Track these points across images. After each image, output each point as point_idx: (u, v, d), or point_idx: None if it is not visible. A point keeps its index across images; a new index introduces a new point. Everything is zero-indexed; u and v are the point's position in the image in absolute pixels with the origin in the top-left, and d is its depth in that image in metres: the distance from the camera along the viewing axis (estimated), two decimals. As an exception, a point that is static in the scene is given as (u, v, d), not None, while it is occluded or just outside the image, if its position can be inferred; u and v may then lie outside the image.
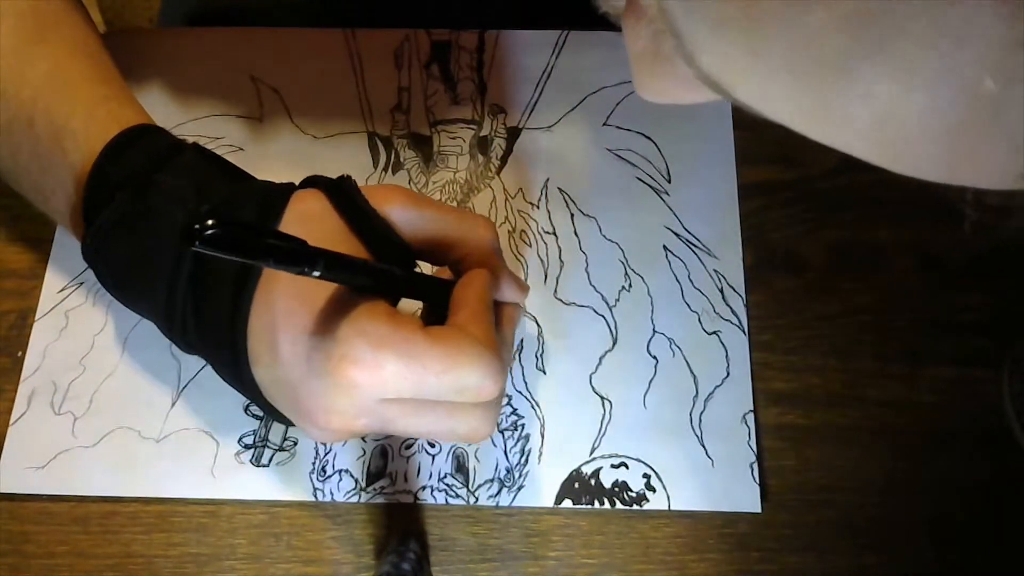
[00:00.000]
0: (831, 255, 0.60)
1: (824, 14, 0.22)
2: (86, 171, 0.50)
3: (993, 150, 0.23)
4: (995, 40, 0.20)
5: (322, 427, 0.45)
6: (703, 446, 0.56)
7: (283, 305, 0.45)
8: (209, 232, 0.36)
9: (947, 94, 0.21)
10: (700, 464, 0.56)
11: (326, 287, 0.44)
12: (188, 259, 0.47)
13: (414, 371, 0.43)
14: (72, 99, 0.52)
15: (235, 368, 0.48)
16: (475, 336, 0.45)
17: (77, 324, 0.60)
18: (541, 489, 0.56)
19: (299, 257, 0.40)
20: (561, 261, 0.61)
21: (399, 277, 0.48)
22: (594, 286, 0.60)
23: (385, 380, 0.43)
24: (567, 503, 0.55)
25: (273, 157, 0.64)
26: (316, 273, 0.40)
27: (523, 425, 0.57)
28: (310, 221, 0.48)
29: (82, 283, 0.61)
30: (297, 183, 0.50)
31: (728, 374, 0.58)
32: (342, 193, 0.49)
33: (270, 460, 0.56)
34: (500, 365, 0.45)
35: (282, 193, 0.49)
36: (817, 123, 0.25)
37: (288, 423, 0.49)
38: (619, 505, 0.55)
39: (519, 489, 0.56)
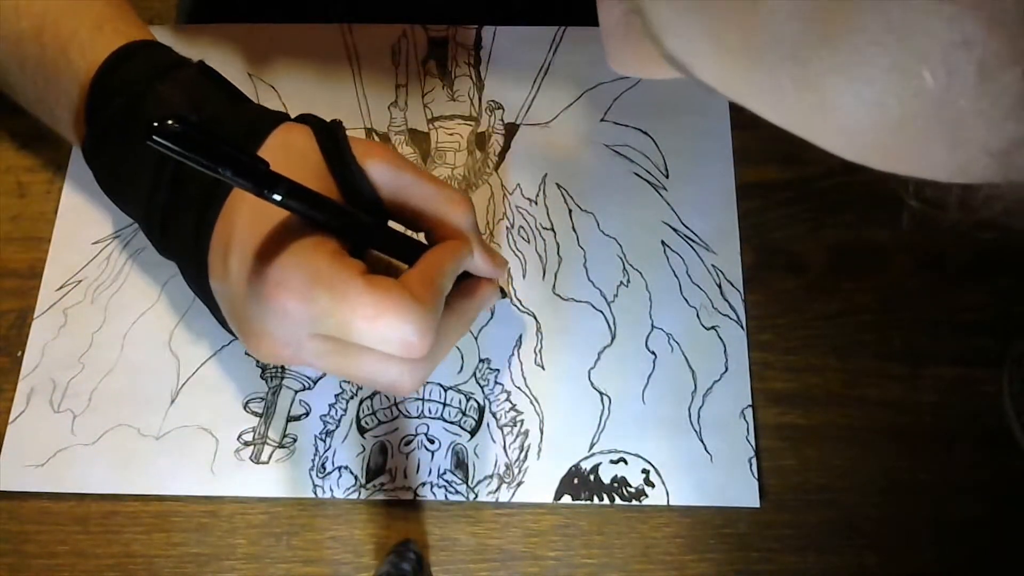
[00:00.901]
0: (831, 255, 0.59)
1: (778, 2, 0.22)
2: (89, 78, 0.51)
3: (933, 144, 0.23)
4: (937, 39, 0.20)
5: (253, 348, 0.47)
6: (702, 441, 0.55)
7: (241, 223, 0.46)
8: (168, 128, 0.37)
9: (891, 89, 0.22)
10: (699, 459, 0.55)
11: (287, 217, 0.45)
12: (169, 167, 0.48)
13: (343, 311, 0.43)
14: (80, 14, 0.53)
15: (199, 278, 0.49)
16: (415, 293, 0.44)
17: (76, 322, 0.58)
18: (540, 485, 0.55)
19: (258, 175, 0.40)
20: (559, 257, 0.60)
21: (363, 224, 0.48)
22: (592, 282, 0.59)
23: (314, 314, 0.44)
24: (566, 499, 0.54)
25: (271, 153, 0.62)
26: (276, 197, 0.41)
27: (522, 421, 0.56)
28: (290, 152, 0.48)
29: (80, 281, 0.59)
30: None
31: (726, 369, 0.57)
32: (329, 134, 0.49)
33: (270, 457, 0.55)
34: (429, 325, 0.44)
35: (273, 121, 0.50)
36: (773, 108, 0.26)
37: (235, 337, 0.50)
38: (618, 501, 0.54)
39: (518, 485, 0.54)
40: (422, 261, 0.48)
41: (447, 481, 0.55)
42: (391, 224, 0.51)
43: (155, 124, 0.37)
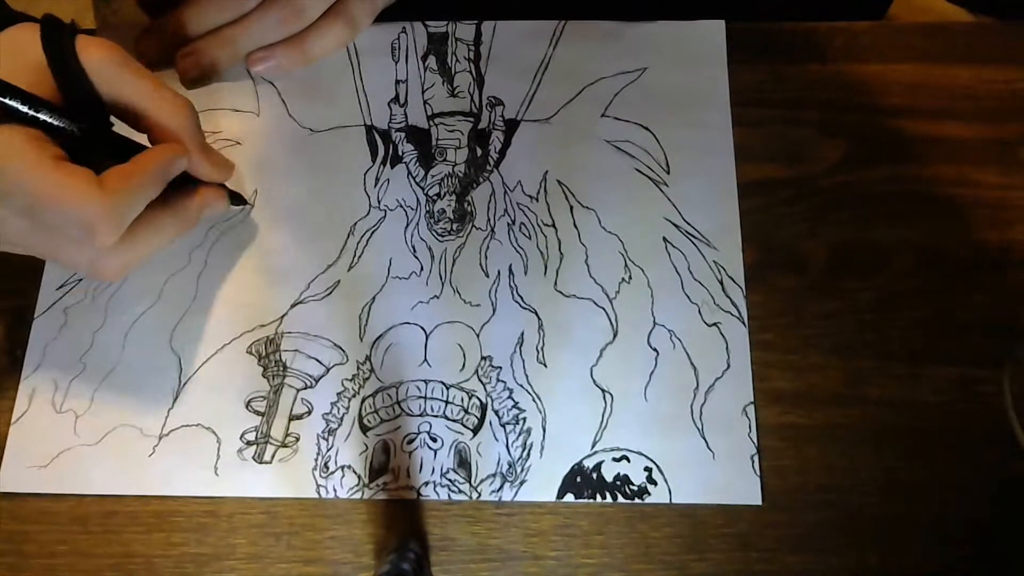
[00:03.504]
0: (832, 254, 0.58)
1: None
2: None
3: None
4: None
5: None
6: (704, 439, 0.54)
7: None
8: None
9: None
10: (701, 457, 0.54)
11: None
12: None
13: (29, 188, 0.46)
14: None
15: None
16: (105, 183, 0.47)
17: (76, 322, 0.58)
18: (543, 484, 0.54)
19: None
20: (561, 253, 0.59)
21: (70, 120, 0.49)
22: (594, 278, 0.58)
23: (4, 189, 0.46)
24: (569, 497, 0.53)
25: (271, 151, 0.62)
26: None
27: (524, 419, 0.55)
28: (11, 51, 0.49)
29: (81, 280, 0.59)
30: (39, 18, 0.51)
31: (728, 366, 0.56)
32: (53, 31, 0.50)
33: (272, 456, 0.54)
34: (114, 213, 0.47)
35: (4, 20, 0.51)
36: None
37: None
38: (621, 499, 0.53)
39: (521, 484, 0.54)
40: (131, 160, 0.49)
41: (450, 480, 0.54)
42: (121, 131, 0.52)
43: None
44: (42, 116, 0.47)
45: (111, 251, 0.49)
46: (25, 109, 0.47)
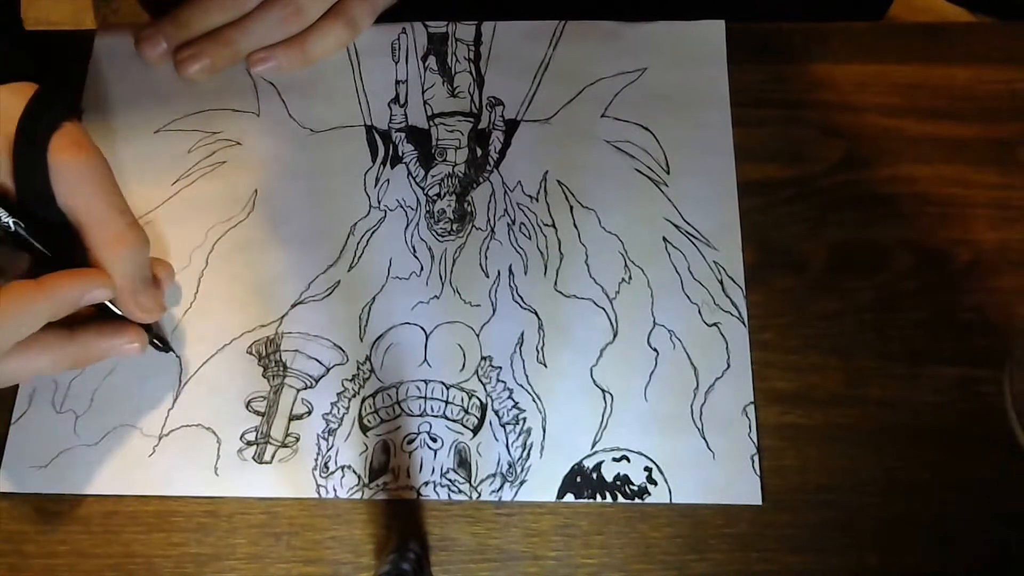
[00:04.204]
0: (832, 254, 0.58)
1: None
2: None
3: None
4: None
5: None
6: (704, 439, 0.54)
7: None
8: None
9: None
10: (701, 457, 0.54)
11: None
12: None
13: None
14: None
15: None
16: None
17: None
18: (543, 484, 0.53)
19: None
20: (561, 253, 0.58)
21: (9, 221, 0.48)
22: (594, 278, 0.58)
23: None
24: (569, 497, 0.53)
25: (271, 151, 0.62)
26: None
27: (524, 419, 0.55)
28: None
29: None
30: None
31: (729, 366, 0.56)
32: (37, 109, 0.48)
33: (272, 456, 0.54)
34: None
35: (6, 74, 0.49)
36: None
37: None
38: (621, 499, 0.53)
39: (521, 484, 0.53)
40: (41, 278, 0.47)
41: (450, 480, 0.53)
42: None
43: None
44: None
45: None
46: None
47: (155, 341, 0.56)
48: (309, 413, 0.55)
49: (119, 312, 0.53)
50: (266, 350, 0.56)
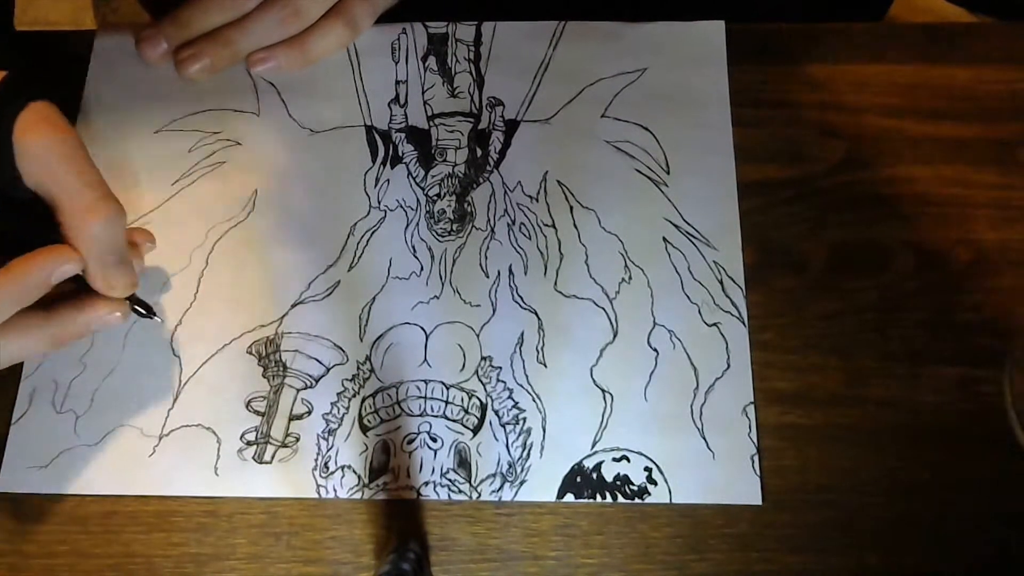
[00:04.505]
0: (832, 254, 0.58)
1: None
2: None
3: None
4: None
5: None
6: (704, 439, 0.54)
7: None
8: None
9: None
10: (701, 457, 0.54)
11: None
12: None
13: None
14: None
15: None
16: None
17: None
18: (543, 484, 0.53)
19: None
20: (561, 254, 0.58)
21: None
22: (594, 278, 0.58)
23: None
24: (569, 497, 0.53)
25: (271, 151, 0.62)
26: None
27: (524, 419, 0.55)
28: None
29: None
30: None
31: (728, 366, 0.56)
32: (12, 86, 0.48)
33: (272, 456, 0.54)
34: None
35: None
36: None
37: None
38: (621, 499, 0.53)
39: (521, 484, 0.53)
40: (10, 263, 0.47)
41: (450, 480, 0.53)
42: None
43: None
44: None
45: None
46: None
47: (136, 308, 0.54)
48: (309, 413, 0.55)
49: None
50: (266, 350, 0.56)
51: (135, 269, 0.53)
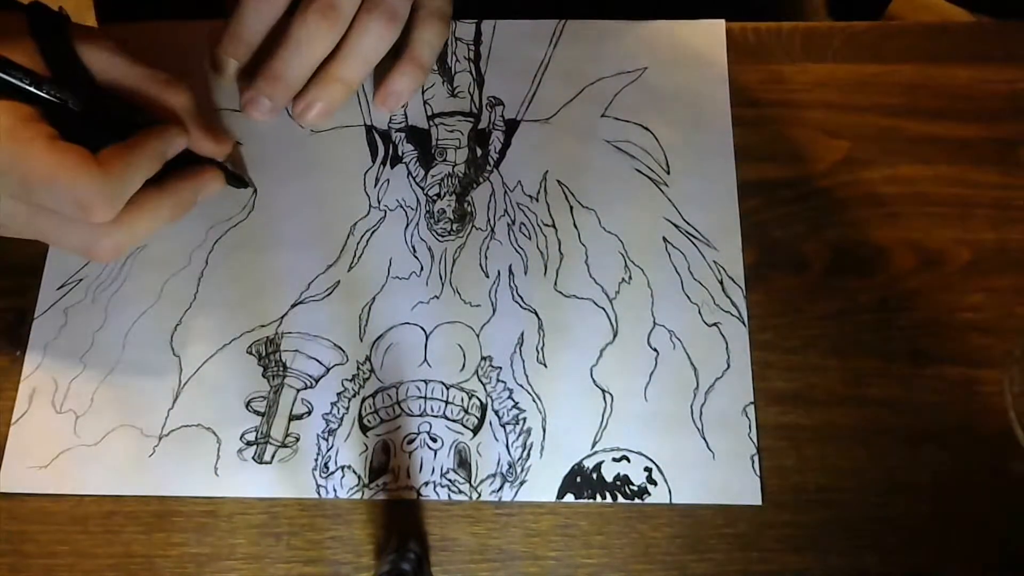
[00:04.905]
0: (832, 254, 0.58)
1: None
2: None
3: None
4: None
5: None
6: (704, 439, 0.54)
7: None
8: None
9: None
10: (701, 457, 0.54)
11: None
12: None
13: (21, 169, 0.45)
14: None
15: None
16: (101, 163, 0.47)
17: (76, 322, 0.57)
18: (543, 484, 0.53)
19: None
20: (561, 253, 0.58)
21: (64, 98, 0.49)
22: (594, 278, 0.58)
23: None
24: (569, 497, 0.53)
25: (271, 151, 0.62)
26: None
27: (524, 419, 0.55)
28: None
29: (81, 280, 0.58)
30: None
31: (728, 366, 0.56)
32: (44, 20, 0.50)
33: (272, 456, 0.54)
34: (109, 192, 0.47)
35: None
36: None
37: None
38: (621, 499, 0.53)
39: (521, 484, 0.53)
40: (130, 139, 0.49)
41: (450, 480, 0.53)
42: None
43: None
44: (43, 91, 0.47)
45: (106, 230, 0.49)
46: (26, 83, 0.47)
47: (230, 179, 0.58)
48: (309, 413, 0.55)
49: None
50: (266, 350, 0.56)
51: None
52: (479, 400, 0.55)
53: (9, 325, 0.57)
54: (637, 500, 0.53)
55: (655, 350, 0.56)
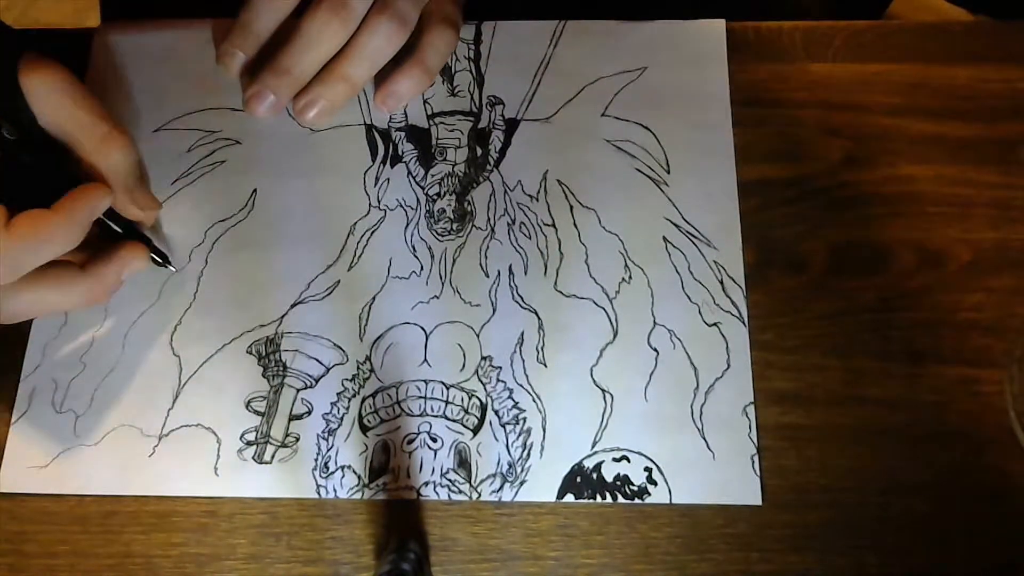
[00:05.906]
0: (832, 254, 0.58)
1: None
2: None
3: None
4: None
5: None
6: (704, 439, 0.54)
7: None
8: None
9: None
10: (701, 457, 0.54)
11: None
12: None
13: None
14: None
15: None
16: (12, 228, 0.46)
17: (76, 321, 0.57)
18: (543, 484, 0.53)
19: None
20: (561, 253, 0.58)
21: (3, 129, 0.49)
22: (594, 278, 0.58)
23: None
24: (569, 497, 0.53)
25: (271, 151, 0.61)
26: None
27: (524, 419, 0.55)
28: None
29: None
30: None
31: (729, 366, 0.55)
32: None
33: (272, 456, 0.54)
34: (6, 262, 0.47)
35: None
36: None
37: None
38: (621, 499, 0.53)
39: (521, 484, 0.53)
40: (53, 205, 0.48)
41: (450, 480, 0.53)
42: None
43: None
44: None
45: (2, 293, 0.49)
46: None
47: (154, 256, 0.56)
48: (309, 413, 0.55)
49: (118, 231, 0.55)
50: (266, 350, 0.56)
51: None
52: (479, 400, 0.55)
53: (9, 325, 0.56)
54: (637, 500, 0.53)
55: (655, 350, 0.56)
